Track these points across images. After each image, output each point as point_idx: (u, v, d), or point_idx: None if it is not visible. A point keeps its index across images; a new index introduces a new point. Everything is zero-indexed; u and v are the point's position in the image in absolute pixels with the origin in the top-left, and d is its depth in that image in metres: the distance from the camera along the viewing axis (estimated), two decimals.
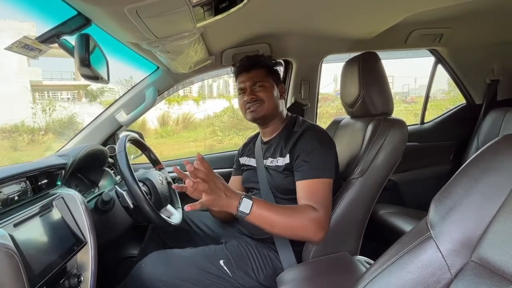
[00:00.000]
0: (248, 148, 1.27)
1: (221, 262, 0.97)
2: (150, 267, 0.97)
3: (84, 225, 0.83)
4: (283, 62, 1.21)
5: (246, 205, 0.82)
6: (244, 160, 1.25)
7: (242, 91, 1.14)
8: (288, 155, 1.03)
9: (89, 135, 1.41)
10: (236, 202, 0.82)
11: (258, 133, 1.27)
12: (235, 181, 1.29)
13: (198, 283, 0.94)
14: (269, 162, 1.10)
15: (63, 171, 0.95)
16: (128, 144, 1.09)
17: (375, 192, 1.04)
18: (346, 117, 1.35)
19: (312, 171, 0.96)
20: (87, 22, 0.72)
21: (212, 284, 0.94)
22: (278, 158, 1.07)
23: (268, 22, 1.25)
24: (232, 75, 1.21)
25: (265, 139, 1.18)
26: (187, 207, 0.74)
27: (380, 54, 1.18)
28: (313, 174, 0.95)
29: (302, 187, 0.96)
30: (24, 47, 0.70)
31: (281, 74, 1.22)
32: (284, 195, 1.04)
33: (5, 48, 0.68)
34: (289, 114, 1.19)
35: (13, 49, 0.68)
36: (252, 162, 1.19)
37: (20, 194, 0.77)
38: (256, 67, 1.13)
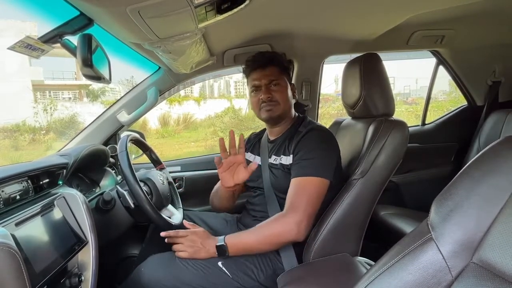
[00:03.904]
0: (253, 144, 1.27)
1: (220, 263, 0.97)
2: (149, 271, 0.96)
3: (85, 224, 0.83)
4: (293, 61, 1.20)
5: (220, 239, 0.97)
6: (248, 156, 1.25)
7: (256, 88, 1.11)
8: (291, 155, 1.03)
9: (90, 134, 1.41)
10: (214, 242, 0.97)
11: (263, 130, 1.26)
12: None
13: (198, 286, 0.94)
14: (272, 160, 1.11)
15: (65, 170, 0.95)
16: (129, 144, 1.09)
17: (376, 193, 1.04)
18: (347, 118, 1.35)
19: (304, 169, 0.96)
20: (89, 22, 0.72)
21: (213, 285, 0.94)
22: (282, 156, 1.07)
23: (269, 23, 1.25)
24: (232, 75, 1.21)
25: (272, 138, 1.18)
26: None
27: (381, 55, 1.18)
28: (304, 172, 0.96)
29: (293, 184, 0.98)
30: (27, 47, 0.70)
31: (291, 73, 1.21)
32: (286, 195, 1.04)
33: (8, 48, 0.68)
34: (297, 114, 1.19)
35: (16, 49, 0.68)
36: (257, 160, 1.19)
37: (22, 193, 0.77)
38: (271, 64, 1.10)
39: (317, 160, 0.97)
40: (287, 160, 1.05)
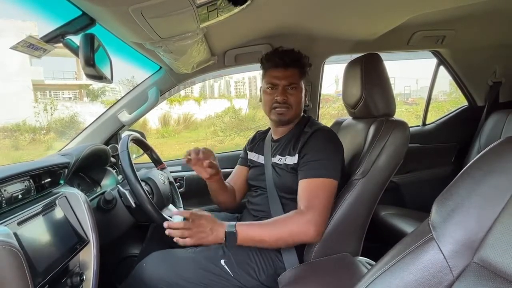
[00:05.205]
0: (257, 144, 1.27)
1: (222, 261, 0.98)
2: (151, 267, 0.97)
3: (86, 224, 0.83)
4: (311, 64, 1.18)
5: (230, 226, 0.92)
6: (252, 155, 1.25)
7: (273, 86, 1.09)
8: (297, 155, 1.03)
9: (91, 134, 1.41)
10: (222, 228, 0.91)
11: (267, 130, 1.26)
12: (238, 170, 1.31)
13: (199, 283, 0.94)
14: (276, 159, 1.11)
15: (66, 170, 0.95)
16: (130, 144, 1.09)
17: (377, 193, 1.04)
18: (348, 118, 1.35)
19: (315, 170, 0.96)
20: (91, 22, 0.72)
21: (214, 283, 0.94)
22: (287, 156, 1.07)
23: (270, 23, 1.25)
24: (233, 75, 1.20)
25: (276, 137, 1.18)
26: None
27: (382, 55, 1.18)
28: (315, 173, 0.96)
29: (303, 185, 0.97)
30: (29, 46, 0.70)
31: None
32: (289, 195, 1.04)
33: (11, 48, 0.68)
34: (301, 114, 1.19)
35: (18, 48, 0.69)
36: (260, 159, 1.19)
37: (24, 192, 0.77)
38: (294, 65, 1.08)
39: (326, 161, 0.97)
40: (291, 160, 1.05)
